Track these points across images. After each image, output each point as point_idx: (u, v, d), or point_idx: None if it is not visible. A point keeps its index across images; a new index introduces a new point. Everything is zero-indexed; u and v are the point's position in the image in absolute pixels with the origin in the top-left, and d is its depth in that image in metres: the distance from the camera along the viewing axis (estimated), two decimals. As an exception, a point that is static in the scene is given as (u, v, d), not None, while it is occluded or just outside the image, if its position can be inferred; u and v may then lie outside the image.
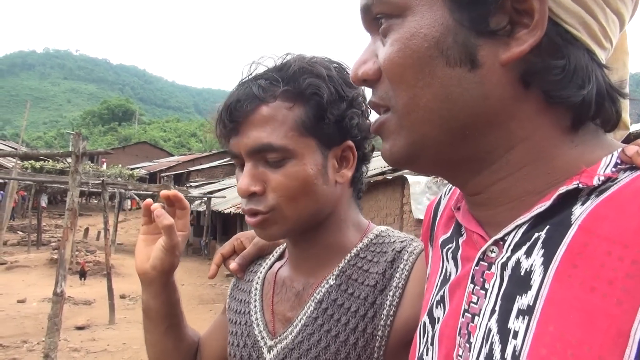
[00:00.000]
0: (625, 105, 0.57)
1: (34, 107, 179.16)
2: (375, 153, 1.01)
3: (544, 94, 0.51)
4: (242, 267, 1.07)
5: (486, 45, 0.50)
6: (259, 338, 0.95)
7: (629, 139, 0.57)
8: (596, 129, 0.54)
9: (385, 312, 0.85)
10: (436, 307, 0.62)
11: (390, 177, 8.02)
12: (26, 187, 21.80)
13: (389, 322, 0.84)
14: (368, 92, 0.95)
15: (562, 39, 0.50)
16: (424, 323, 0.64)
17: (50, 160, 26.73)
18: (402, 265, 0.88)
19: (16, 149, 16.29)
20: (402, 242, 0.93)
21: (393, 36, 0.54)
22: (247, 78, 0.91)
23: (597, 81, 0.51)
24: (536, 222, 0.50)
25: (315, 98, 0.85)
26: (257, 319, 0.98)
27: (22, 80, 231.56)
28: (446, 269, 0.65)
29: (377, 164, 11.39)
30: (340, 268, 0.92)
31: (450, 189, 0.80)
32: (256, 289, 1.02)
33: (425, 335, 0.63)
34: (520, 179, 0.53)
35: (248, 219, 0.89)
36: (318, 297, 0.90)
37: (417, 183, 7.16)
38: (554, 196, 0.48)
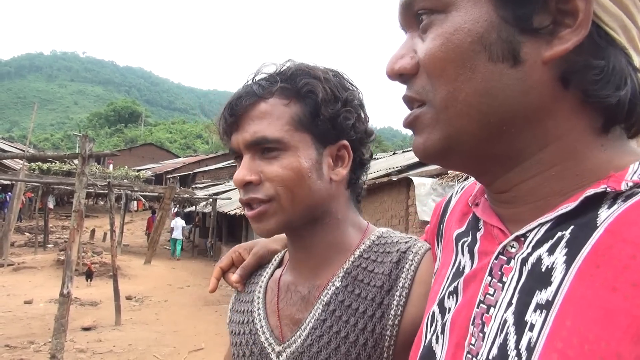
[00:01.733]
0: None
1: (41, 109, 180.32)
2: (381, 154, 1.02)
3: (582, 93, 0.52)
4: (243, 278, 1.07)
5: (529, 43, 0.51)
6: (266, 345, 0.94)
7: None
8: (621, 134, 0.55)
9: (392, 312, 0.85)
10: (448, 297, 0.63)
11: (395, 179, 8.00)
12: (33, 189, 21.92)
13: (396, 321, 0.85)
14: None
15: (603, 40, 0.51)
16: (433, 313, 0.65)
17: (57, 162, 26.89)
18: (407, 266, 0.89)
19: (24, 150, 16.39)
20: (406, 242, 0.94)
21: (435, 31, 0.55)
22: (250, 81, 0.95)
23: (632, 84, 0.52)
24: (559, 222, 0.52)
25: (310, 96, 0.89)
26: (262, 326, 0.97)
27: (29, 82, 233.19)
28: (460, 262, 0.66)
29: (382, 165, 11.36)
30: (345, 269, 0.92)
31: (462, 188, 0.82)
32: (259, 297, 1.02)
33: (434, 324, 0.64)
34: (549, 178, 0.55)
35: (247, 212, 0.91)
36: (325, 299, 0.91)
37: (423, 185, 7.14)
38: (581, 198, 0.50)
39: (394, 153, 15.78)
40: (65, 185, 17.72)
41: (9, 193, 20.63)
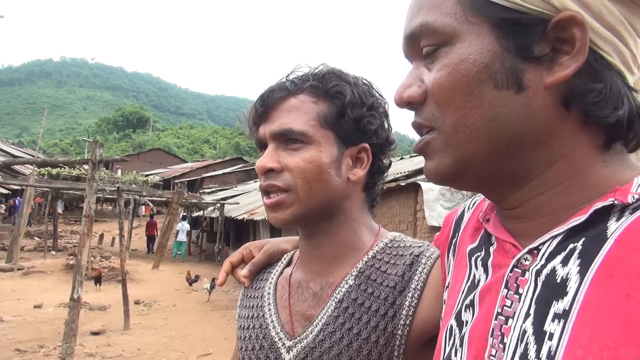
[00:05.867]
0: None
1: (50, 115, 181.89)
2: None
3: (584, 114, 0.55)
4: (252, 274, 1.10)
5: (531, 70, 0.54)
6: (277, 339, 0.96)
7: None
8: (622, 149, 0.58)
9: (404, 312, 0.89)
10: (465, 310, 0.65)
11: (403, 184, 7.99)
12: (43, 194, 22.06)
13: (408, 321, 0.88)
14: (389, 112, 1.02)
15: (599, 64, 0.54)
16: (451, 326, 0.67)
17: (67, 167, 27.08)
18: (420, 269, 0.92)
19: (33, 156, 16.54)
20: (419, 247, 0.97)
21: (441, 62, 0.58)
22: (284, 78, 1.00)
23: (629, 103, 0.55)
24: (571, 234, 0.54)
25: (338, 97, 0.95)
26: (272, 320, 0.99)
27: (39, 88, 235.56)
28: (474, 276, 0.68)
29: (389, 170, 11.31)
30: (358, 269, 0.96)
31: (473, 204, 0.84)
32: (269, 293, 1.05)
33: (452, 338, 0.66)
34: (556, 194, 0.57)
35: (265, 200, 0.96)
36: (338, 296, 0.93)
37: (431, 190, 7.12)
38: (591, 211, 0.52)
39: (402, 158, 15.75)
40: (74, 190, 17.85)
41: (19, 198, 20.77)
